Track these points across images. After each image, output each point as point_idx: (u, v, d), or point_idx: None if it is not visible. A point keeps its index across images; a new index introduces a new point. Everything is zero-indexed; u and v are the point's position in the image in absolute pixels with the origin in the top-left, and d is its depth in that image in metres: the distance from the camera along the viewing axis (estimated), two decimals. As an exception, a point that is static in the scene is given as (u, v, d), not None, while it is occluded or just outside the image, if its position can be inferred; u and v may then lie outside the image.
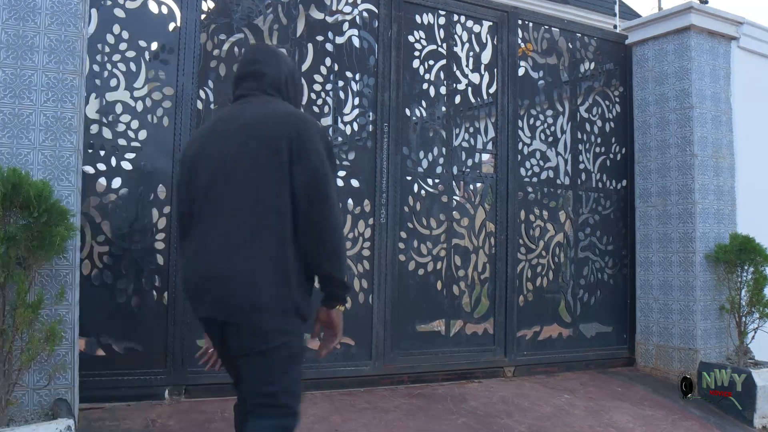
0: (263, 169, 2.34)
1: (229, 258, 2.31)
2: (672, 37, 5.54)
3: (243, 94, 2.57)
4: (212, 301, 2.36)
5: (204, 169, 2.45)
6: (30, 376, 3.06)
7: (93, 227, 3.85)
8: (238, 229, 2.32)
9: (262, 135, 2.37)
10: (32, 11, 3.20)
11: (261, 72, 2.57)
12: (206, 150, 2.49)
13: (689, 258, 5.29)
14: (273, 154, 2.34)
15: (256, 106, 2.49)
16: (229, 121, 2.49)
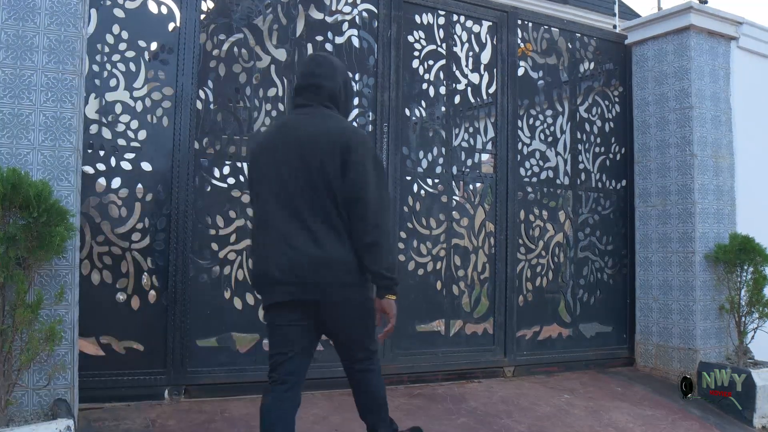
0: (323, 177, 2.77)
1: (316, 249, 2.73)
2: (671, 37, 5.54)
3: (303, 104, 2.96)
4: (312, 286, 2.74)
5: (274, 171, 2.85)
6: (29, 376, 3.06)
7: (92, 227, 3.85)
8: (317, 226, 2.76)
9: (323, 148, 2.79)
10: (32, 11, 3.19)
11: (320, 84, 2.95)
12: (275, 154, 2.87)
13: (689, 258, 5.29)
14: (329, 165, 2.77)
15: (318, 120, 2.89)
16: (295, 129, 2.89)
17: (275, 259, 2.77)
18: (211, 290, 4.17)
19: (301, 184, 2.79)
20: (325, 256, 2.74)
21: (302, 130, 2.86)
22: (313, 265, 2.74)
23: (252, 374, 4.23)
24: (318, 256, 2.74)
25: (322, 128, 2.85)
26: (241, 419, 3.78)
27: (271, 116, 4.40)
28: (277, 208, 2.82)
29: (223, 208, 4.24)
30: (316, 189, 2.78)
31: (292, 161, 2.82)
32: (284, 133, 2.91)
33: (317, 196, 2.78)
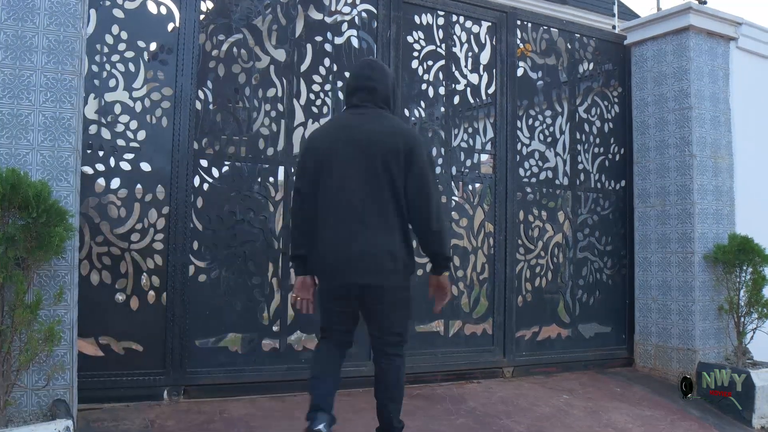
0: (386, 173, 3.11)
1: (374, 242, 3.09)
2: (671, 37, 5.54)
3: (358, 104, 3.27)
4: (364, 271, 3.10)
5: (336, 166, 3.17)
6: (29, 376, 3.06)
7: (92, 228, 3.85)
8: (375, 218, 3.10)
9: (385, 147, 3.12)
10: (31, 12, 3.20)
11: (374, 87, 3.26)
12: (337, 151, 3.17)
13: (688, 258, 5.29)
14: (393, 163, 3.11)
15: (377, 120, 3.22)
16: (353, 128, 3.20)
17: (335, 248, 3.14)
18: (210, 291, 4.17)
19: (363, 180, 3.11)
20: (376, 248, 3.10)
21: (365, 130, 3.18)
22: (365, 255, 3.09)
23: (251, 375, 4.24)
24: (370, 247, 3.09)
25: (384, 128, 3.19)
26: (240, 419, 3.78)
27: (271, 116, 4.41)
28: (338, 202, 3.14)
29: (223, 208, 4.24)
30: (378, 185, 3.11)
31: (356, 159, 3.14)
32: (347, 132, 3.21)
33: (378, 191, 3.11)
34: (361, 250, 3.09)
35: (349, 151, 3.16)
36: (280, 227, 4.40)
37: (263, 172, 4.39)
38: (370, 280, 3.12)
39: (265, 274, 4.34)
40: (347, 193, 3.13)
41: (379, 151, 3.12)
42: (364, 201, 3.11)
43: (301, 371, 4.39)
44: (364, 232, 3.10)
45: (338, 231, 3.14)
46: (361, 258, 3.10)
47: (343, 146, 3.17)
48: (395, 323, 3.25)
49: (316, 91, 4.58)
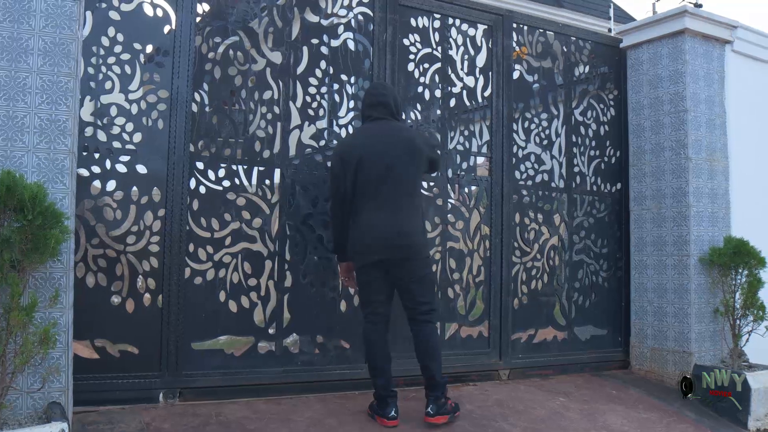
0: (414, 170, 4.04)
1: (406, 223, 3.93)
2: (666, 40, 5.56)
3: (379, 117, 4.11)
4: (400, 248, 3.91)
5: (370, 167, 3.94)
6: (24, 379, 3.05)
7: (87, 230, 3.84)
8: (405, 206, 3.95)
9: (413, 149, 4.02)
10: (27, 13, 3.19)
11: (387, 102, 4.13)
12: (369, 155, 3.95)
13: (684, 261, 5.30)
14: (419, 162, 4.06)
15: (395, 128, 4.11)
16: (380, 136, 4.04)
17: (373, 232, 3.91)
18: (206, 293, 4.17)
19: (392, 176, 3.92)
20: (408, 229, 3.93)
21: (389, 137, 4.02)
22: (400, 235, 3.90)
23: (247, 377, 4.24)
24: (403, 229, 3.91)
25: (408, 133, 4.18)
26: (236, 422, 3.78)
27: (267, 119, 4.41)
28: (374, 196, 3.92)
29: (219, 210, 4.24)
30: (406, 181, 3.97)
31: (385, 160, 3.93)
32: (376, 139, 4.02)
33: (406, 186, 3.97)
34: (398, 231, 3.89)
35: (379, 155, 3.94)
36: (276, 229, 4.40)
37: (259, 174, 4.39)
38: (404, 253, 3.92)
39: (261, 277, 4.34)
40: (380, 187, 3.91)
41: (410, 153, 3.99)
42: (394, 192, 3.92)
43: (298, 374, 4.40)
44: (404, 218, 3.92)
45: (375, 218, 3.91)
46: (397, 237, 3.89)
47: (374, 151, 3.96)
48: (426, 293, 4.05)
49: (312, 93, 4.58)
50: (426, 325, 4.01)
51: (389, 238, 3.88)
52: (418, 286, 4.00)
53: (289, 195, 4.47)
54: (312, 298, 4.50)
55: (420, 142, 4.07)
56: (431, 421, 3.95)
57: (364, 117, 4.19)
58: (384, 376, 3.99)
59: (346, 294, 4.59)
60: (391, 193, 3.92)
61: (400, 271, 3.95)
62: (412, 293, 4.00)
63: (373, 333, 4.04)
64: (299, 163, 4.53)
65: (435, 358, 3.99)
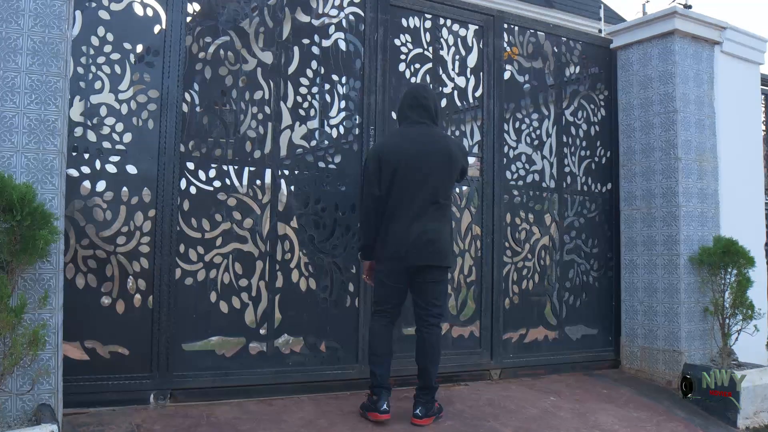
0: (449, 180, 4.11)
1: (438, 233, 3.99)
2: (656, 41, 5.58)
3: (418, 120, 4.12)
4: (429, 256, 3.96)
5: (410, 172, 3.98)
6: (13, 381, 3.03)
7: (77, 231, 3.82)
8: (439, 215, 4.03)
9: (451, 159, 4.07)
10: (15, 13, 3.17)
11: (428, 106, 4.14)
12: (406, 160, 3.99)
13: (673, 260, 5.32)
14: (454, 172, 4.12)
15: (433, 134, 4.13)
16: (417, 141, 4.05)
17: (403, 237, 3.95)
18: (197, 294, 4.15)
19: (431, 185, 3.98)
20: (439, 239, 3.99)
21: (426, 142, 4.04)
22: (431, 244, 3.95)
23: (238, 378, 4.22)
24: (435, 239, 3.97)
25: (446, 141, 4.16)
26: (227, 423, 3.77)
27: (258, 119, 4.40)
28: (411, 203, 3.96)
29: (209, 211, 4.22)
30: (442, 190, 4.03)
31: (421, 166, 3.97)
32: (413, 144, 4.03)
33: (441, 195, 4.02)
34: (429, 240, 3.95)
35: (415, 160, 3.98)
36: (267, 230, 4.39)
37: (250, 174, 4.38)
38: (430, 260, 3.97)
39: (252, 277, 4.33)
40: (417, 195, 3.96)
41: (441, 161, 4.03)
42: (429, 201, 3.97)
43: (289, 374, 4.39)
44: (431, 226, 3.96)
45: (409, 226, 3.95)
46: (428, 246, 3.94)
47: (412, 158, 3.99)
48: (439, 297, 4.13)
49: (303, 93, 4.58)
50: (434, 329, 4.09)
51: (421, 247, 3.93)
52: (434, 289, 4.08)
53: (280, 195, 4.46)
54: (303, 299, 4.49)
55: (456, 152, 4.12)
56: (418, 423, 4.00)
57: (402, 118, 4.20)
58: (383, 365, 4.05)
59: (338, 295, 4.59)
60: (426, 201, 3.97)
61: (422, 275, 4.02)
62: (427, 294, 4.07)
63: (377, 324, 4.12)
64: (290, 163, 4.52)
65: (435, 361, 4.09)
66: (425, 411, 4.02)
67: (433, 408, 4.08)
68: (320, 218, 4.56)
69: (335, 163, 4.68)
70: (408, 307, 4.81)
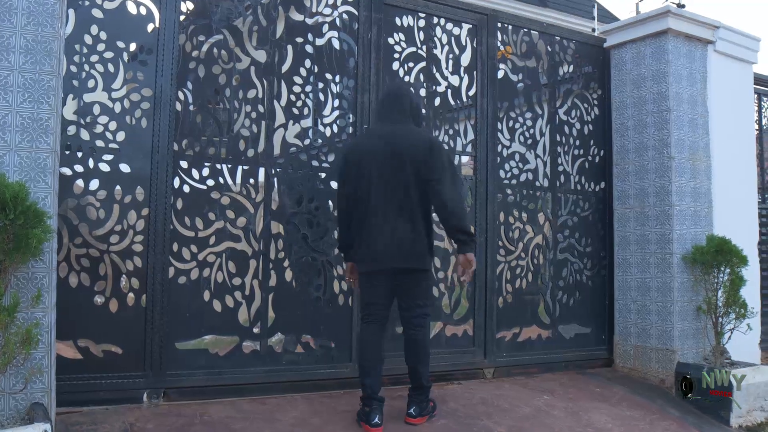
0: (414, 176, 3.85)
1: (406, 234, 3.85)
2: (650, 40, 5.59)
3: (389, 118, 4.02)
4: (400, 259, 3.87)
5: (375, 172, 3.88)
6: (6, 380, 3.02)
7: (70, 229, 3.81)
8: (408, 212, 3.86)
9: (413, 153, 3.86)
10: (8, 11, 3.16)
11: (400, 103, 4.02)
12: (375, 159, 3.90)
13: (667, 259, 5.34)
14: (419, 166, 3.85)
15: (405, 131, 3.95)
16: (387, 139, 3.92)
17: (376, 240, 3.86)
18: (190, 293, 4.15)
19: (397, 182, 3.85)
20: (408, 241, 3.86)
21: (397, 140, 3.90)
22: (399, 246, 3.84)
23: (231, 377, 4.22)
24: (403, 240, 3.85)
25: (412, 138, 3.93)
26: (220, 422, 3.77)
27: (251, 117, 4.39)
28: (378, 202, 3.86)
29: (203, 209, 4.22)
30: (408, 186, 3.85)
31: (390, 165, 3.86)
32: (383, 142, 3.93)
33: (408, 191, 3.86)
34: (398, 242, 3.84)
35: (384, 159, 3.88)
36: (260, 229, 4.39)
37: (244, 173, 4.38)
38: (403, 263, 3.87)
39: (246, 276, 4.32)
40: (385, 194, 3.86)
41: (408, 157, 3.85)
42: (397, 200, 3.85)
43: (283, 373, 4.39)
44: (397, 227, 3.84)
45: (376, 227, 3.86)
46: (396, 248, 3.84)
47: (380, 155, 3.89)
48: (421, 297, 4.01)
49: (297, 92, 4.57)
50: (420, 330, 4.01)
51: (393, 249, 3.85)
52: (416, 290, 4.00)
53: (274, 194, 4.46)
54: (297, 298, 4.49)
55: (423, 147, 3.89)
56: (412, 422, 4.00)
57: (376, 117, 4.29)
58: (371, 376, 3.94)
59: (331, 293, 4.58)
60: (397, 200, 3.86)
61: (401, 277, 3.94)
62: (409, 297, 4.00)
63: (366, 332, 4.03)
64: (284, 162, 4.52)
65: (425, 362, 4.05)
66: (419, 410, 4.02)
67: (426, 407, 4.08)
68: (314, 217, 4.56)
69: (329, 161, 4.68)
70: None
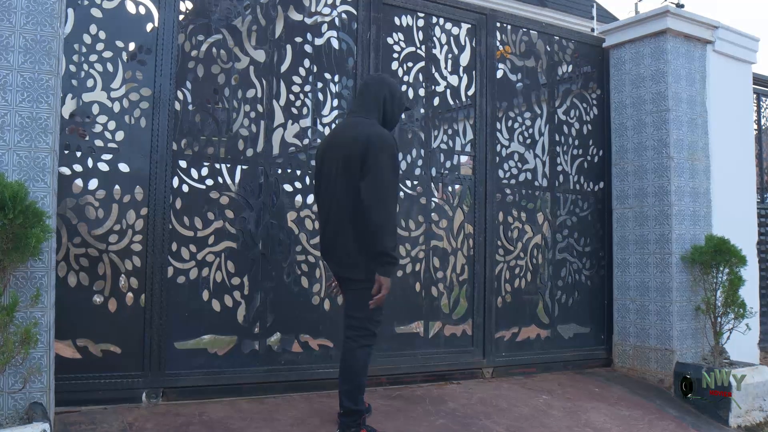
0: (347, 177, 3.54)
1: (336, 235, 3.62)
2: (649, 40, 5.59)
3: (353, 111, 3.82)
4: (332, 260, 3.73)
5: (324, 170, 3.73)
6: (4, 379, 3.02)
7: (69, 229, 3.81)
8: (344, 214, 3.57)
9: (348, 152, 3.53)
10: (7, 10, 3.16)
11: (366, 95, 3.74)
12: (325, 156, 3.73)
13: (665, 259, 5.34)
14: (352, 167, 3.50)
15: (353, 127, 3.63)
16: (337, 135, 3.74)
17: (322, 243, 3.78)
18: (189, 292, 4.15)
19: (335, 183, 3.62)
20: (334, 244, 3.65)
21: (341, 137, 3.68)
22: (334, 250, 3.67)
23: (230, 376, 4.22)
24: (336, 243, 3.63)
25: (353, 135, 3.57)
26: (219, 422, 3.77)
27: (250, 117, 4.39)
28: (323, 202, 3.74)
29: (202, 209, 4.22)
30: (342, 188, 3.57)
31: (333, 164, 3.65)
32: (333, 138, 3.78)
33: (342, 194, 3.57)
34: (330, 245, 3.69)
35: (330, 157, 3.69)
36: (259, 228, 4.39)
37: (243, 173, 4.38)
38: (338, 271, 3.72)
39: (245, 276, 4.32)
40: (326, 194, 3.69)
41: (344, 156, 3.57)
42: (334, 202, 3.63)
43: (281, 373, 4.39)
44: (333, 230, 3.64)
45: (323, 227, 3.74)
46: (332, 252, 3.69)
47: (329, 152, 3.72)
48: (353, 309, 3.64)
49: (296, 92, 4.57)
50: (349, 342, 3.62)
51: (330, 253, 3.72)
52: (349, 300, 3.71)
53: (273, 194, 4.46)
54: (296, 297, 4.49)
55: (361, 145, 3.48)
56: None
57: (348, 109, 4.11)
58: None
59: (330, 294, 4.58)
60: (335, 201, 3.61)
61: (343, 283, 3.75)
62: (346, 304, 3.77)
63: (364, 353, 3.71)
64: (283, 161, 4.52)
65: (345, 380, 3.62)
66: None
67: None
68: (312, 217, 4.56)
69: (328, 161, 4.67)
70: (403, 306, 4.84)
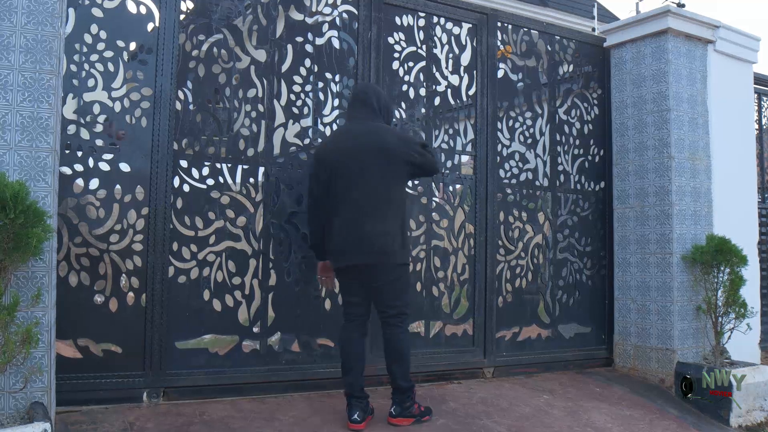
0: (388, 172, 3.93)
1: (375, 229, 3.85)
2: (649, 40, 5.59)
3: (358, 117, 4.07)
4: (369, 254, 3.86)
5: (345, 169, 3.91)
6: (5, 379, 3.02)
7: (70, 229, 3.81)
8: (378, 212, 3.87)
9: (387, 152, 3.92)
10: (8, 10, 3.16)
11: (368, 101, 4.07)
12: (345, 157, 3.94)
13: (666, 259, 5.34)
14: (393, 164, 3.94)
15: (374, 129, 3.99)
16: (359, 137, 3.97)
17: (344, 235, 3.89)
18: (190, 292, 4.15)
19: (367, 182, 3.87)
20: (377, 236, 3.85)
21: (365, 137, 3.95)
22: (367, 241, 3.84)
23: (231, 376, 4.22)
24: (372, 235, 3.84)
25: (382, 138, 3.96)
26: (219, 421, 3.77)
27: (251, 117, 4.39)
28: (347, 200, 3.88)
29: (203, 209, 4.22)
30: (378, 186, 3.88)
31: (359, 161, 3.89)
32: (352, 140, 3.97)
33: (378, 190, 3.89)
34: (366, 237, 3.83)
35: (350, 157, 3.91)
36: (260, 228, 4.39)
37: (244, 172, 4.38)
38: (371, 259, 3.86)
39: (246, 275, 4.32)
40: (352, 191, 3.88)
41: (374, 154, 3.89)
42: (366, 197, 3.87)
43: (282, 372, 4.39)
44: (367, 223, 3.84)
45: (346, 223, 3.88)
46: (365, 243, 3.84)
47: (347, 154, 3.93)
48: (391, 299, 3.96)
49: (297, 91, 4.57)
50: (395, 328, 3.98)
51: (357, 244, 3.86)
52: (388, 290, 3.96)
53: (274, 193, 4.45)
54: (296, 297, 4.49)
55: (395, 145, 3.96)
56: (392, 422, 3.99)
57: (347, 116, 4.26)
58: (351, 374, 3.96)
59: (331, 293, 4.58)
60: (362, 198, 3.87)
61: (370, 276, 3.93)
62: (382, 296, 3.98)
63: (346, 331, 4.07)
64: (284, 161, 4.52)
65: (400, 362, 3.99)
66: (400, 410, 3.99)
67: (410, 410, 4.02)
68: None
69: (329, 161, 4.67)
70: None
